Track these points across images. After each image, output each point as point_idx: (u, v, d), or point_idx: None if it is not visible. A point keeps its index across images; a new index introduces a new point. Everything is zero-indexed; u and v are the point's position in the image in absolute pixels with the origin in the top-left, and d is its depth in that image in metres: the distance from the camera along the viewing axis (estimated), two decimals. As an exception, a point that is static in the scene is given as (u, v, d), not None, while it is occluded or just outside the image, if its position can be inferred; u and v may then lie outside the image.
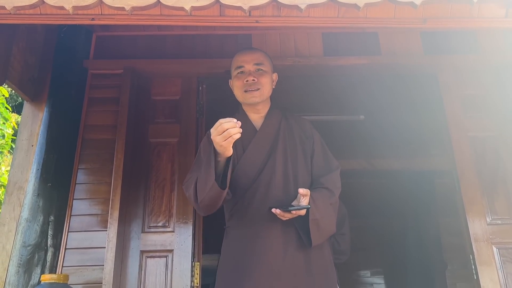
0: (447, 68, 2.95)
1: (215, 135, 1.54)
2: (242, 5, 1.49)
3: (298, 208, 1.63)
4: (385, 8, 1.56)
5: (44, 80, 2.85)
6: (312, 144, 1.95)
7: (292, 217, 1.70)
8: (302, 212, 1.67)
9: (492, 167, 2.73)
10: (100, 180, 2.66)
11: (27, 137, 2.73)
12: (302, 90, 3.65)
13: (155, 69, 2.95)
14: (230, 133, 1.51)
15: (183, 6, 1.50)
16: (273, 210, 1.66)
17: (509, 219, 2.63)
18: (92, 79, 2.92)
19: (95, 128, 2.79)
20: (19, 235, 2.40)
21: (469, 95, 2.91)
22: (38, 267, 2.35)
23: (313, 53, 2.98)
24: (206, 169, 1.64)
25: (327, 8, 1.57)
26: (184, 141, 2.81)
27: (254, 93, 1.89)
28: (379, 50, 2.99)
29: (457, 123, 2.82)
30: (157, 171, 2.74)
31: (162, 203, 2.66)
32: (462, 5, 1.53)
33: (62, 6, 1.49)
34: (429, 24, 1.65)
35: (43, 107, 2.76)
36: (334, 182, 1.89)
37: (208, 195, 1.65)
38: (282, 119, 1.98)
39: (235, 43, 3.01)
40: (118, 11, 1.55)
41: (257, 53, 1.96)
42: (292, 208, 1.63)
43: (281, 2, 1.47)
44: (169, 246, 2.56)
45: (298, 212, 1.65)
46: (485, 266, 2.51)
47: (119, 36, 3.02)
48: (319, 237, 1.75)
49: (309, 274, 1.72)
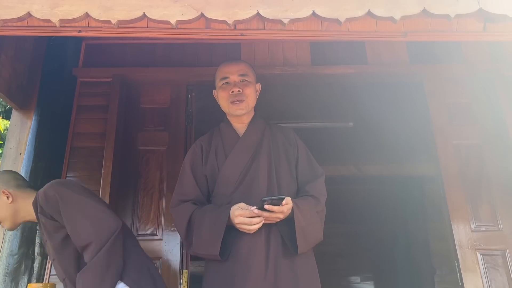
0: (432, 77, 3.00)
1: (239, 222, 1.69)
2: (227, 19, 1.51)
3: (271, 199, 1.65)
4: (366, 22, 1.60)
5: (32, 88, 2.85)
6: (297, 151, 1.98)
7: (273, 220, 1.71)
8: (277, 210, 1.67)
9: (476, 175, 2.78)
10: (89, 188, 2.65)
11: (15, 145, 2.73)
12: (291, 98, 3.69)
13: (144, 77, 2.97)
14: (255, 228, 1.70)
15: (169, 19, 1.52)
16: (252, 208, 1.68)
17: (493, 225, 2.68)
18: (81, 87, 2.92)
19: (83, 136, 2.79)
20: (6, 243, 2.40)
21: (454, 103, 2.96)
22: (25, 275, 2.34)
23: (301, 62, 3.02)
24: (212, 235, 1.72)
25: (309, 22, 1.61)
26: (173, 149, 2.82)
27: (240, 105, 1.94)
28: (365, 59, 3.04)
29: (442, 131, 2.87)
30: (145, 179, 2.75)
31: (150, 211, 2.67)
32: (441, 20, 1.56)
33: (49, 19, 1.51)
34: (410, 37, 1.69)
35: (31, 115, 2.76)
36: (319, 190, 1.91)
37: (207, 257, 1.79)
38: (266, 127, 2.02)
39: (224, 51, 3.04)
40: (105, 24, 1.56)
41: (241, 64, 2.02)
42: (266, 198, 1.65)
43: (265, 17, 1.49)
44: (157, 254, 2.57)
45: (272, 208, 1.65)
46: (469, 272, 2.54)
47: (108, 44, 3.03)
48: (305, 245, 1.76)
49: (294, 281, 1.74)
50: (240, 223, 1.68)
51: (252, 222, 1.66)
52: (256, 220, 1.66)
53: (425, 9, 1.50)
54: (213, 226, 1.71)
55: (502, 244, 2.62)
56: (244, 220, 1.67)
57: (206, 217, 1.75)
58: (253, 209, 1.67)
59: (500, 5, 1.50)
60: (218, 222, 1.71)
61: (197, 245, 1.75)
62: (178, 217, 1.84)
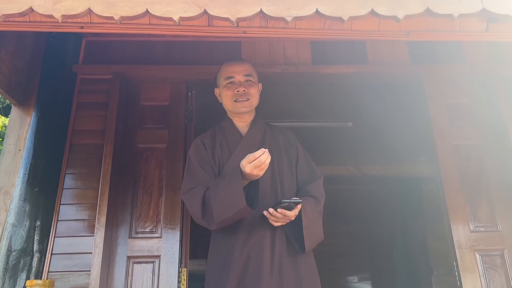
0: (432, 77, 3.00)
1: (251, 168, 1.63)
2: (229, 17, 1.51)
3: (289, 202, 1.64)
4: (369, 21, 1.60)
5: (32, 84, 2.84)
6: (296, 152, 2.01)
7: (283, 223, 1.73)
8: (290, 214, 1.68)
9: (475, 176, 2.78)
10: (88, 185, 2.66)
11: (14, 142, 2.72)
12: (291, 97, 3.69)
13: (145, 74, 2.96)
14: (266, 164, 1.63)
15: (172, 16, 1.52)
16: (265, 212, 1.69)
17: (492, 226, 2.68)
18: (81, 84, 2.92)
19: (83, 133, 2.78)
20: (4, 240, 2.39)
21: (454, 104, 2.96)
22: (23, 272, 2.34)
23: (301, 61, 3.02)
24: (230, 192, 1.66)
25: (312, 20, 1.61)
26: (172, 147, 2.82)
27: (245, 103, 1.96)
28: (366, 59, 3.04)
29: (442, 131, 2.87)
30: (145, 176, 2.75)
31: (149, 209, 2.66)
32: (444, 19, 1.57)
33: (51, 14, 1.50)
34: (412, 36, 1.69)
35: (31, 112, 2.75)
36: (319, 190, 1.94)
37: (234, 216, 1.70)
38: (267, 127, 2.05)
39: (224, 50, 3.03)
40: (107, 20, 1.56)
41: (246, 64, 2.04)
42: (284, 201, 1.64)
43: (268, 14, 1.50)
44: (156, 252, 2.56)
45: (285, 213, 1.66)
46: (468, 272, 2.55)
47: (108, 41, 3.03)
48: (311, 243, 1.79)
49: (297, 280, 1.75)
50: (252, 169, 1.63)
51: (261, 162, 1.62)
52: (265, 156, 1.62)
53: (429, 8, 1.50)
54: (228, 183, 1.68)
55: (501, 244, 2.63)
56: (255, 163, 1.62)
57: (220, 184, 1.73)
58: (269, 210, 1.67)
59: (503, 5, 1.50)
60: (234, 177, 1.68)
61: (221, 210, 1.68)
62: (191, 200, 1.80)
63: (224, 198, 1.67)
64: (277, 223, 1.72)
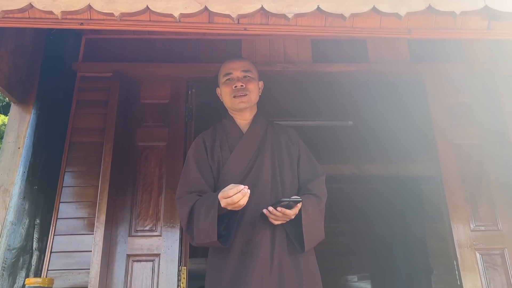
0: (433, 76, 2.99)
1: (224, 204, 1.62)
2: (230, 13, 1.50)
3: (289, 201, 1.63)
4: (371, 18, 1.59)
5: (32, 82, 2.83)
6: (298, 150, 2.00)
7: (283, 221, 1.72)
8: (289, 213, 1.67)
9: (476, 175, 2.78)
10: (87, 183, 2.65)
11: (13, 139, 2.71)
12: (291, 95, 3.68)
13: (145, 72, 2.95)
14: (240, 205, 1.61)
15: (172, 13, 1.51)
16: (264, 210, 1.68)
17: (492, 225, 2.68)
18: (81, 81, 2.91)
19: (83, 131, 2.77)
20: (4, 238, 2.38)
21: (455, 103, 2.95)
22: (23, 270, 2.33)
23: (302, 59, 3.01)
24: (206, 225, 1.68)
25: (314, 17, 1.60)
26: (172, 145, 2.81)
27: (243, 98, 1.95)
28: (366, 57, 3.03)
29: (443, 130, 2.86)
30: (145, 175, 2.74)
31: (149, 207, 2.65)
32: (446, 17, 1.56)
33: (51, 11, 1.49)
34: (414, 34, 1.68)
35: (30, 109, 2.74)
36: (321, 189, 1.93)
37: (209, 245, 1.75)
38: (268, 125, 2.04)
39: (224, 48, 3.02)
40: (107, 17, 1.55)
41: (244, 61, 2.04)
42: (284, 199, 1.64)
43: (269, 11, 1.49)
44: (155, 250, 2.56)
45: (284, 211, 1.66)
46: (468, 271, 2.54)
47: (108, 39, 3.02)
48: (311, 242, 1.78)
49: (298, 279, 1.74)
50: (225, 205, 1.63)
51: (233, 201, 1.60)
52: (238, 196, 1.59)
53: (431, 5, 1.49)
54: (207, 214, 1.69)
55: (501, 244, 2.62)
56: (227, 201, 1.62)
57: (202, 210, 1.73)
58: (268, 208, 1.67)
59: (505, 2, 1.49)
60: (212, 208, 1.68)
61: (197, 236, 1.72)
62: (181, 208, 1.82)
63: (201, 227, 1.70)
64: (276, 222, 1.72)
